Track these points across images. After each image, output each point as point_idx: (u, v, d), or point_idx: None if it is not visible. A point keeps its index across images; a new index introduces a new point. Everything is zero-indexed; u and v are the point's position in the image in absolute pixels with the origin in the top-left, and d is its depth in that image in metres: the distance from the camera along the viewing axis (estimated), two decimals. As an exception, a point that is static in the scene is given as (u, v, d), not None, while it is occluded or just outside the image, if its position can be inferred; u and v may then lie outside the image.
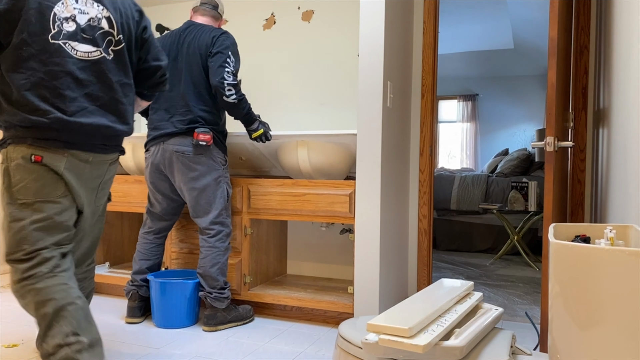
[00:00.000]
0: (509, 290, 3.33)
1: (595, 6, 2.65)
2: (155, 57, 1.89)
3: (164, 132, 2.44)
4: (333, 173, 2.64)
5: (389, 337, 1.41)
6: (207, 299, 2.44)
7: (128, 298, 2.59)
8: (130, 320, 2.57)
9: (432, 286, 1.86)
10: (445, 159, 7.97)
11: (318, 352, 2.21)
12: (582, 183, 2.69)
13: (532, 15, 5.37)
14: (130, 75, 1.80)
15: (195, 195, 2.44)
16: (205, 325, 2.45)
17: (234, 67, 2.40)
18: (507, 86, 7.40)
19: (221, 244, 2.48)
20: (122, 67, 1.76)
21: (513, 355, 1.67)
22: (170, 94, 2.46)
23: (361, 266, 2.41)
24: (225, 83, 2.35)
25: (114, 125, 1.72)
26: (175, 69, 2.46)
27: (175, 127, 2.42)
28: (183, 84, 2.44)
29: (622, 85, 1.82)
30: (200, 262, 2.47)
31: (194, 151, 2.41)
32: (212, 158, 2.45)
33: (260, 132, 2.52)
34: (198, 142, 2.37)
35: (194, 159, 2.41)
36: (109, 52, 1.72)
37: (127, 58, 1.77)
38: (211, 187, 2.45)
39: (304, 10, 3.11)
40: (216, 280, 2.44)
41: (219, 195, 2.48)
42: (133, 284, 2.60)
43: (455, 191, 4.94)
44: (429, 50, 2.91)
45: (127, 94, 1.79)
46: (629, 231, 1.42)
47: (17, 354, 2.13)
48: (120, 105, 1.75)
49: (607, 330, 1.09)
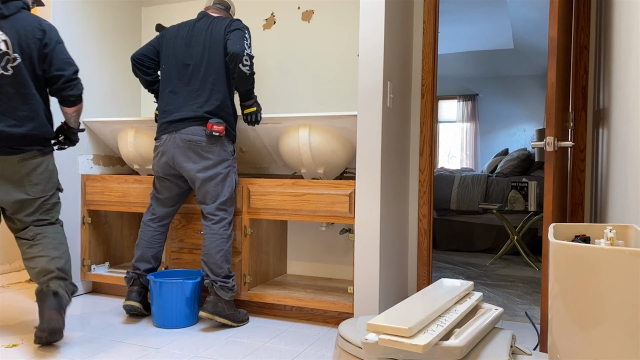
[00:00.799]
0: (509, 290, 3.33)
1: (595, 6, 2.65)
2: (58, 68, 2.25)
3: (178, 117, 2.46)
4: (333, 161, 2.62)
5: (389, 337, 1.41)
6: (213, 286, 2.45)
7: (129, 285, 2.59)
8: (129, 303, 2.54)
9: (432, 286, 1.86)
10: (445, 159, 7.97)
11: (318, 352, 2.21)
12: (582, 183, 2.69)
13: (532, 15, 5.37)
14: (31, 86, 2.19)
15: (205, 183, 2.47)
16: (203, 310, 2.44)
17: (250, 44, 2.48)
18: (507, 86, 7.40)
19: (224, 231, 2.50)
20: (21, 80, 2.16)
21: (513, 355, 1.67)
22: (183, 80, 2.51)
23: (361, 266, 2.41)
24: (245, 52, 2.41)
25: (9, 129, 2.14)
26: (190, 56, 2.51)
27: (193, 112, 2.45)
28: (202, 69, 2.48)
29: (622, 85, 1.82)
30: (204, 249, 2.48)
31: (207, 141, 2.45)
32: (223, 148, 2.50)
33: (254, 109, 2.58)
34: (211, 132, 2.41)
35: (206, 147, 2.45)
36: (7, 69, 2.13)
37: (27, 72, 2.17)
38: (221, 176, 2.50)
39: (304, 10, 3.11)
40: (220, 268, 2.45)
41: (228, 184, 2.53)
42: (135, 271, 2.60)
43: (455, 191, 4.94)
44: (429, 50, 2.91)
45: (28, 102, 2.19)
46: (629, 231, 1.42)
47: (17, 354, 2.13)
48: (20, 112, 2.17)
49: (607, 330, 1.09)
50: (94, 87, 3.15)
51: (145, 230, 2.63)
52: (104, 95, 3.24)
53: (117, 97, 3.34)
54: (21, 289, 3.22)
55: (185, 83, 2.51)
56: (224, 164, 2.51)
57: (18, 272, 3.70)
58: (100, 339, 2.33)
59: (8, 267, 3.69)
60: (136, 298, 2.56)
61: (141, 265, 2.60)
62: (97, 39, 3.18)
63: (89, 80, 3.11)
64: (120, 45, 3.36)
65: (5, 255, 3.67)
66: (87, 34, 3.10)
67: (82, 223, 3.08)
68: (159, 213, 2.63)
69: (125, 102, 3.40)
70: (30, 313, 2.71)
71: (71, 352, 2.17)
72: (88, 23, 3.11)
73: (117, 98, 3.34)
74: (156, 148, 2.57)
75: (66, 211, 2.98)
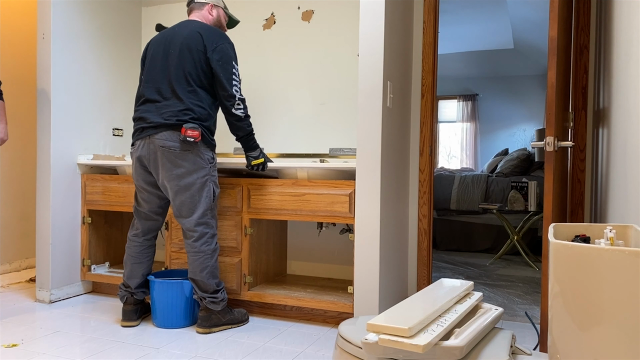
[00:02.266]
0: (509, 290, 3.33)
1: (595, 6, 2.65)
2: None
3: (151, 124, 2.35)
4: None
5: (389, 337, 1.41)
6: (202, 301, 2.42)
7: (123, 302, 2.53)
8: (127, 324, 2.50)
9: (432, 286, 1.86)
10: (445, 158, 7.96)
11: (318, 352, 2.20)
12: (582, 183, 2.69)
13: (532, 15, 5.37)
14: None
15: (180, 193, 2.36)
16: (199, 326, 2.42)
17: (239, 79, 2.42)
18: (507, 86, 7.40)
19: (207, 247, 2.41)
20: None
21: (513, 355, 1.67)
22: (159, 85, 2.39)
23: (361, 266, 2.41)
24: (236, 97, 2.38)
25: None
26: (166, 61, 2.40)
27: (163, 119, 2.34)
28: (174, 75, 2.37)
29: (622, 85, 1.82)
30: (190, 267, 2.42)
31: (181, 147, 2.33)
32: (199, 155, 2.37)
33: (261, 160, 2.51)
34: (186, 138, 2.29)
35: (180, 154, 2.33)
36: None
37: None
38: (196, 186, 2.37)
39: (304, 10, 3.11)
40: (208, 285, 2.41)
41: (205, 195, 2.40)
42: (127, 289, 2.54)
43: (455, 191, 4.94)
44: (429, 50, 2.91)
45: None
46: (629, 231, 1.42)
47: (17, 354, 2.13)
48: None
49: (607, 330, 1.09)
50: (93, 87, 3.15)
51: (131, 245, 2.55)
52: (104, 95, 3.24)
53: (117, 97, 3.34)
54: (21, 289, 3.22)
55: (160, 88, 2.39)
56: (199, 173, 2.37)
57: (18, 272, 3.70)
58: (100, 339, 2.33)
59: (8, 267, 3.68)
60: (133, 317, 2.51)
61: (131, 282, 2.53)
62: (97, 39, 3.18)
63: (89, 80, 3.12)
64: (120, 45, 3.36)
65: (5, 255, 3.67)
66: (87, 34, 3.10)
67: (82, 223, 3.08)
68: (142, 227, 2.54)
69: (124, 101, 3.40)
70: (30, 313, 2.71)
71: (71, 352, 2.17)
72: (88, 23, 3.11)
73: (116, 98, 3.34)
74: (131, 155, 2.47)
75: (66, 211, 2.98)
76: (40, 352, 2.15)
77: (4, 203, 3.68)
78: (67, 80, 2.97)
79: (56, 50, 2.90)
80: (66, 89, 2.97)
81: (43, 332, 2.41)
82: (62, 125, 2.95)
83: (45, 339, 2.33)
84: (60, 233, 2.95)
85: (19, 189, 3.80)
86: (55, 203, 2.92)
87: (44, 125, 2.90)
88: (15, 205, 3.77)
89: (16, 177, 3.78)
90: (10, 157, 3.74)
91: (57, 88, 2.91)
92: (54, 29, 2.89)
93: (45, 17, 2.88)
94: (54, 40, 2.89)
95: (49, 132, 2.89)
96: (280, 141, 3.17)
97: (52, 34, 2.87)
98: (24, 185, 3.84)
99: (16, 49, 3.77)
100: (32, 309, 2.78)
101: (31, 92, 3.89)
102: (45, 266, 2.92)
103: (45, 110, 2.89)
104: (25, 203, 3.84)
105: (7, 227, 3.70)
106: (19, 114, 3.80)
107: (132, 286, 2.52)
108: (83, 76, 3.08)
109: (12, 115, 3.74)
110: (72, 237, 3.02)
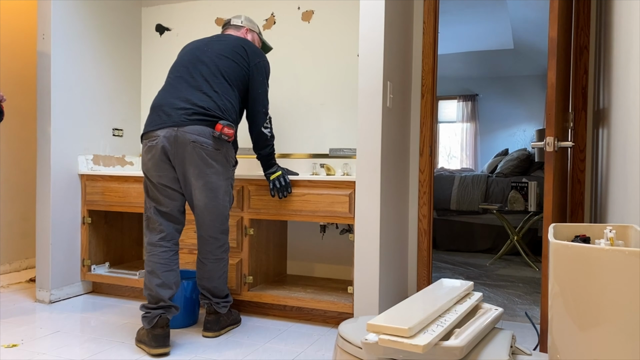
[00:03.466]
0: (509, 290, 3.32)
1: (595, 6, 2.65)
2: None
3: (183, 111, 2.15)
4: None
5: (389, 337, 1.41)
6: (213, 306, 2.37)
7: (152, 326, 2.12)
8: (160, 352, 2.10)
9: (432, 286, 1.86)
10: (445, 159, 7.96)
11: (318, 352, 2.20)
12: (582, 183, 2.69)
13: (532, 15, 5.37)
14: None
15: (206, 195, 2.19)
16: (209, 330, 2.36)
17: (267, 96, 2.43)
18: (507, 86, 7.40)
19: (226, 254, 2.37)
20: None
21: (513, 355, 1.67)
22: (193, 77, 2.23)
23: (361, 266, 2.41)
24: (267, 117, 2.39)
25: None
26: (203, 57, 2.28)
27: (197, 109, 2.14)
28: (212, 69, 2.24)
29: (622, 85, 1.82)
30: (205, 274, 2.31)
31: (214, 145, 2.15)
32: (226, 156, 2.23)
33: (279, 173, 2.49)
34: (221, 135, 2.13)
35: (211, 153, 2.15)
36: None
37: None
38: (222, 189, 2.23)
39: (304, 10, 3.11)
40: (222, 290, 2.38)
41: (228, 200, 2.30)
42: (159, 306, 2.14)
43: (455, 191, 4.94)
44: (429, 50, 2.91)
45: None
46: (629, 231, 1.42)
47: (17, 354, 2.13)
48: None
49: (607, 330, 1.09)
50: (93, 87, 3.15)
51: (158, 251, 2.18)
52: (104, 95, 3.24)
53: (117, 97, 3.34)
54: (21, 289, 3.22)
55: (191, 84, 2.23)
56: (225, 175, 2.24)
57: (18, 272, 3.70)
58: (100, 339, 2.33)
59: (8, 267, 3.68)
60: (167, 343, 2.12)
61: (165, 293, 2.15)
62: (97, 39, 3.18)
63: (89, 80, 3.12)
64: (120, 46, 3.36)
65: (5, 255, 3.67)
66: (87, 34, 3.10)
67: (82, 223, 3.08)
68: (167, 230, 2.21)
69: (124, 101, 3.40)
70: (30, 313, 2.71)
71: (71, 352, 2.17)
72: (88, 23, 3.11)
73: (116, 98, 3.34)
74: (149, 148, 2.18)
75: (66, 211, 2.98)
76: (40, 352, 2.15)
77: (4, 203, 3.68)
78: (67, 81, 2.97)
79: (56, 50, 2.90)
80: (66, 89, 2.97)
81: (43, 332, 2.41)
82: (62, 126, 2.95)
83: (45, 339, 2.33)
84: (60, 233, 2.95)
85: (19, 189, 3.80)
86: (55, 203, 2.92)
87: (44, 126, 2.90)
88: (15, 205, 3.77)
89: (16, 177, 3.78)
90: (11, 157, 3.74)
91: (57, 88, 2.91)
92: (54, 29, 2.89)
93: (45, 17, 2.88)
94: (54, 40, 2.89)
95: (49, 133, 2.89)
96: (280, 141, 3.16)
97: (52, 34, 2.87)
98: (24, 185, 3.84)
99: (16, 49, 3.77)
100: (32, 309, 2.78)
101: (31, 92, 3.89)
102: (45, 266, 2.92)
103: (45, 111, 2.89)
104: (25, 203, 3.84)
105: (7, 227, 3.70)
106: (19, 114, 3.80)
107: (165, 297, 2.15)
108: (83, 76, 3.08)
109: (12, 115, 3.75)
110: (72, 237, 3.02)
